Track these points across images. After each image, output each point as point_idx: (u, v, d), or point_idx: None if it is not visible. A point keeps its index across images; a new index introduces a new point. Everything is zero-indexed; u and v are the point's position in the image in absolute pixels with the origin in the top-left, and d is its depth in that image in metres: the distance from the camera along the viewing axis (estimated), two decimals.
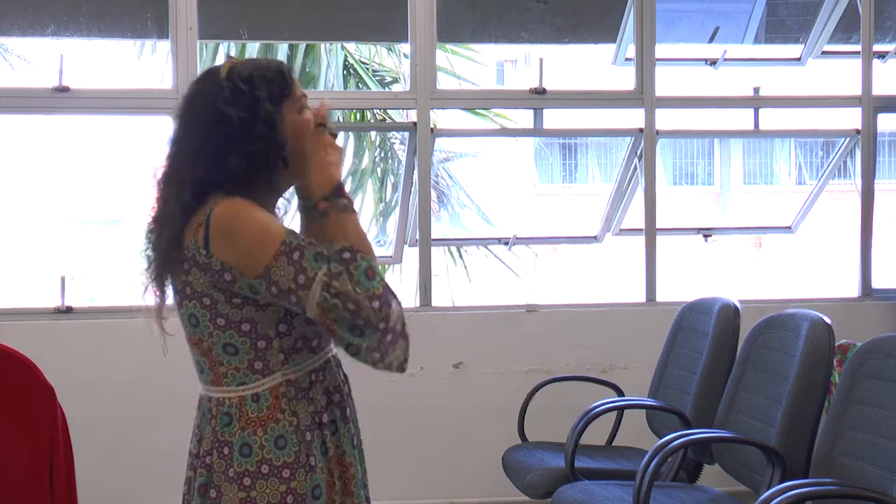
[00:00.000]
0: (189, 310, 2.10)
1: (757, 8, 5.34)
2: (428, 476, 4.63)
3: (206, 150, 2.08)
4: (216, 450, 2.09)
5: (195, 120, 2.11)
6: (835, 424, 2.95)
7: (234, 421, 2.08)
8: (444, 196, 8.58)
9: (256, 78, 2.11)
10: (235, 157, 2.06)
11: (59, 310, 4.59)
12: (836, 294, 5.28)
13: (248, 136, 2.07)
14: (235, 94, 2.08)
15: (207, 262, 2.04)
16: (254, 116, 2.08)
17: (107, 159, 10.67)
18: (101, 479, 4.26)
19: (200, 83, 2.16)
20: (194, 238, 2.05)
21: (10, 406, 2.52)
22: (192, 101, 2.14)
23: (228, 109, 2.07)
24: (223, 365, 2.09)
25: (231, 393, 2.09)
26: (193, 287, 2.07)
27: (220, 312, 2.06)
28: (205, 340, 2.10)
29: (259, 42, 7.34)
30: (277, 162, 2.11)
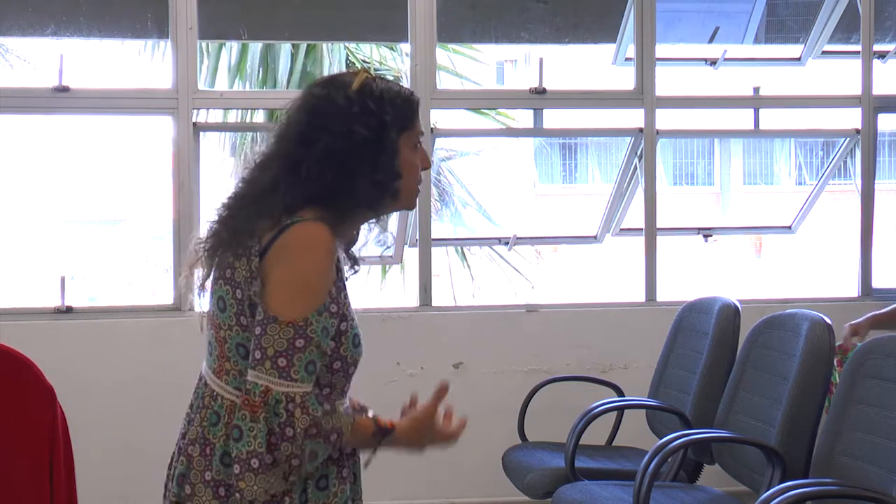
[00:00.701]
0: (221, 291, 2.01)
1: (757, 8, 5.34)
2: (428, 476, 4.63)
3: (330, 162, 1.98)
4: (199, 444, 2.02)
5: (319, 126, 2.00)
6: (835, 424, 2.95)
7: (220, 424, 2.00)
8: (446, 194, 8.58)
9: (387, 101, 2.02)
10: (364, 183, 1.99)
11: (59, 310, 4.59)
12: (836, 294, 5.28)
13: (375, 163, 2.00)
14: (365, 112, 2.00)
15: (253, 260, 1.96)
16: (380, 142, 2.01)
17: (107, 159, 10.68)
18: (101, 479, 4.26)
19: (329, 88, 2.04)
20: (262, 237, 1.97)
21: (10, 406, 2.52)
22: (317, 105, 2.03)
23: (356, 127, 1.99)
24: (229, 361, 2.01)
25: (225, 393, 2.01)
26: (234, 274, 1.98)
27: (244, 312, 1.98)
28: (223, 329, 2.01)
29: (259, 42, 7.35)
30: (391, 194, 2.04)
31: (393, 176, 2.03)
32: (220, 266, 2.03)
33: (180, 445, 2.09)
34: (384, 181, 2.02)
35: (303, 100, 2.06)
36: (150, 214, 10.33)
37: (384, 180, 2.02)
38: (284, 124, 2.06)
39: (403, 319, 4.67)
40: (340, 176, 1.98)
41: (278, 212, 1.98)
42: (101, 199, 11.62)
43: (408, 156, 2.06)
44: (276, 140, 2.06)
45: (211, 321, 2.06)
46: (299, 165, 1.99)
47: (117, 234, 11.59)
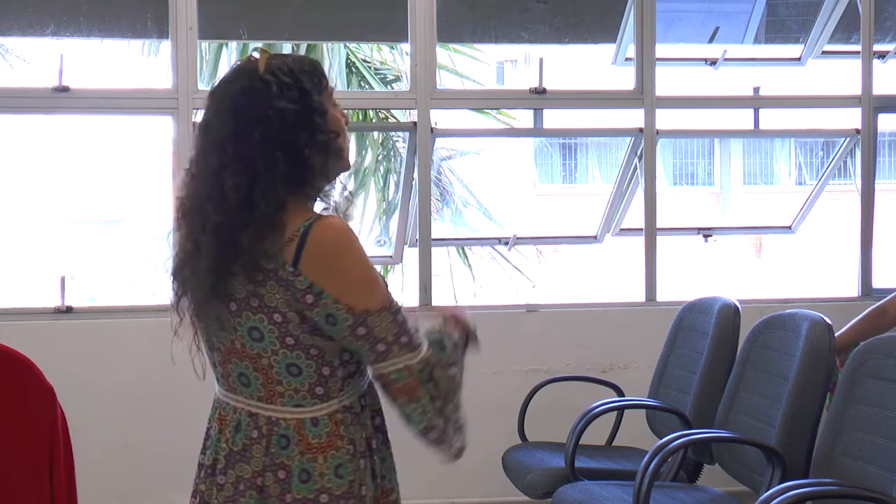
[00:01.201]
0: (252, 322, 1.97)
1: (757, 8, 5.34)
2: (428, 476, 4.61)
3: (275, 147, 1.97)
4: (270, 472, 1.99)
5: (249, 118, 1.98)
6: (835, 424, 2.95)
7: (293, 444, 1.99)
8: (447, 193, 8.58)
9: (297, 71, 2.03)
10: (309, 150, 2.00)
11: (59, 310, 4.59)
12: (836, 294, 5.28)
13: (310, 129, 2.00)
14: (283, 87, 1.99)
15: (291, 280, 1.94)
16: (308, 108, 2.01)
17: (107, 159, 10.67)
18: (101, 479, 4.26)
19: (240, 80, 2.03)
20: (282, 252, 1.94)
21: (10, 406, 2.52)
22: (237, 100, 2.01)
23: (281, 104, 1.98)
24: (281, 384, 1.99)
25: (287, 414, 2.00)
26: (264, 301, 1.95)
27: (291, 332, 1.96)
28: (265, 356, 1.98)
29: (259, 42, 7.34)
30: (336, 153, 2.06)
31: (332, 134, 2.05)
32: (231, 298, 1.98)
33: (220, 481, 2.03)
34: (326, 141, 2.03)
35: (219, 101, 2.04)
36: (150, 214, 10.33)
37: (326, 140, 2.03)
38: (214, 131, 2.02)
39: None
40: (289, 155, 1.98)
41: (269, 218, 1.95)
42: (101, 199, 11.61)
43: (332, 113, 2.07)
44: (213, 151, 2.01)
45: (239, 354, 2.01)
46: (252, 164, 1.97)
47: (117, 234, 11.58)
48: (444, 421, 2.08)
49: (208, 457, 2.08)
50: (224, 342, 2.03)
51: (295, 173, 1.99)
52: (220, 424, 2.07)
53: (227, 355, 2.04)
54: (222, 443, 2.05)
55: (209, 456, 2.08)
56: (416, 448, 2.20)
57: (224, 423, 2.06)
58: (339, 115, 2.09)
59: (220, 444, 2.05)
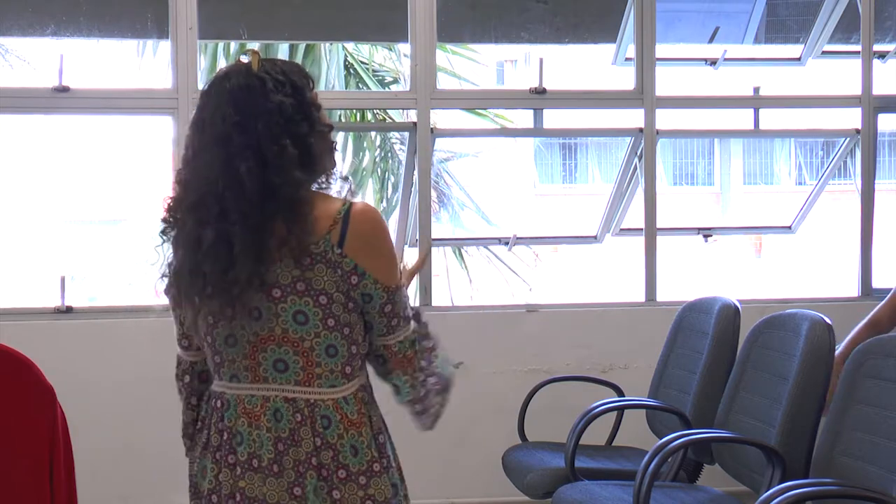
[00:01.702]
0: (297, 306, 2.04)
1: (757, 8, 5.34)
2: (428, 476, 4.63)
3: (280, 137, 2.03)
4: (324, 450, 2.07)
5: (250, 112, 2.04)
6: (835, 424, 2.95)
7: (335, 423, 2.08)
8: (445, 196, 8.58)
9: (287, 70, 2.12)
10: (313, 139, 2.08)
11: (59, 310, 4.59)
12: (836, 294, 5.28)
13: (309, 119, 2.09)
14: (277, 84, 2.07)
15: (339, 261, 2.04)
16: (303, 102, 2.09)
17: (107, 159, 10.67)
18: (101, 479, 4.26)
19: (236, 78, 2.08)
20: (328, 234, 2.03)
21: (10, 406, 2.52)
22: (235, 96, 2.06)
23: (279, 97, 2.05)
24: (320, 366, 2.07)
25: (324, 395, 2.08)
26: (311, 284, 2.03)
27: (333, 313, 2.05)
28: (308, 339, 2.06)
29: (259, 42, 7.34)
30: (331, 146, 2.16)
31: (328, 126, 2.15)
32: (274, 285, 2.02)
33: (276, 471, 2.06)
34: (325, 132, 2.13)
35: (217, 98, 2.09)
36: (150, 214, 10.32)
37: (324, 131, 2.13)
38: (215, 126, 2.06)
39: None
40: (297, 143, 2.06)
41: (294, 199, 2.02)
42: (101, 199, 11.61)
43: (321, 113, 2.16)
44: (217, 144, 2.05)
45: (278, 340, 2.05)
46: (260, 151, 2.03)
47: (117, 234, 11.58)
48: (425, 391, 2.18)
49: (241, 453, 2.09)
50: (260, 331, 2.06)
51: (303, 159, 2.06)
52: (248, 419, 2.08)
53: (261, 344, 2.07)
54: (263, 433, 2.07)
55: (243, 451, 2.08)
56: (417, 448, 2.22)
57: (253, 416, 2.08)
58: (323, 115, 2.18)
59: (260, 435, 2.07)
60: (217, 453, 2.13)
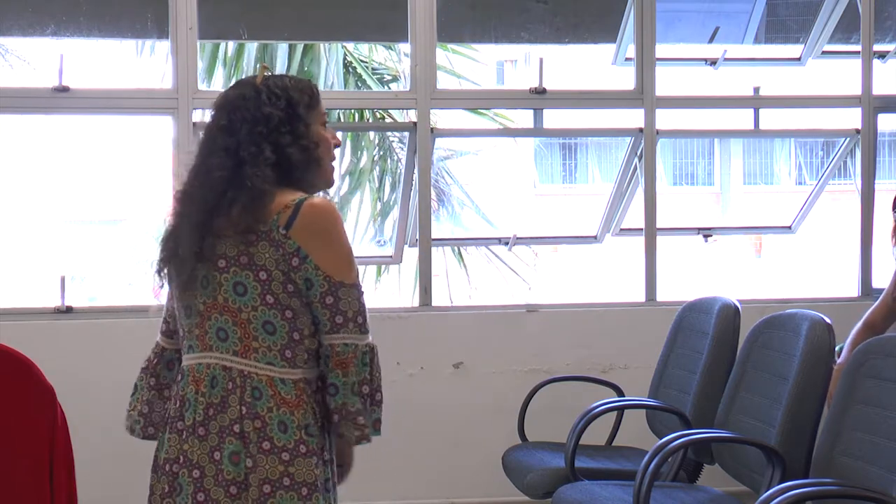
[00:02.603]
0: (238, 277, 2.21)
1: (757, 8, 5.34)
2: (428, 476, 4.63)
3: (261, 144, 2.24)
4: (248, 420, 2.17)
5: (239, 118, 2.27)
6: (835, 424, 2.95)
7: (266, 397, 2.18)
8: (444, 195, 8.58)
9: (289, 87, 2.31)
10: (292, 149, 2.24)
11: (59, 310, 4.59)
12: (836, 294, 5.28)
13: (292, 133, 2.26)
14: (272, 97, 2.28)
15: (282, 241, 2.19)
16: (293, 116, 2.28)
17: (107, 159, 10.67)
18: (101, 479, 4.26)
19: (238, 88, 2.33)
20: (277, 216, 2.19)
21: (10, 406, 2.52)
22: (232, 103, 2.30)
23: (269, 109, 2.26)
24: (257, 340, 2.21)
25: (259, 369, 2.20)
26: (254, 259, 2.20)
27: (272, 290, 2.20)
28: (245, 311, 2.20)
29: (259, 42, 7.35)
30: (316, 161, 2.30)
31: (314, 141, 2.29)
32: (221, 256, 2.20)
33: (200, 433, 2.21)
34: (308, 146, 2.27)
35: (221, 103, 2.32)
36: (150, 214, 10.32)
37: (307, 146, 2.27)
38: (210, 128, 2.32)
39: (403, 319, 4.67)
40: (275, 151, 2.24)
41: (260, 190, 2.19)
42: (101, 199, 11.61)
43: (320, 131, 2.33)
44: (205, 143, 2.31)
45: (221, 308, 2.22)
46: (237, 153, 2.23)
47: (117, 234, 11.58)
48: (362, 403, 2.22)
49: (188, 418, 2.25)
50: (207, 299, 2.23)
51: (280, 166, 2.24)
52: (195, 386, 2.24)
53: (207, 312, 2.24)
54: (199, 398, 2.23)
55: (189, 417, 2.24)
56: (417, 448, 2.23)
57: (199, 382, 2.24)
58: (328, 136, 2.35)
59: (198, 400, 2.23)
60: (172, 422, 2.31)
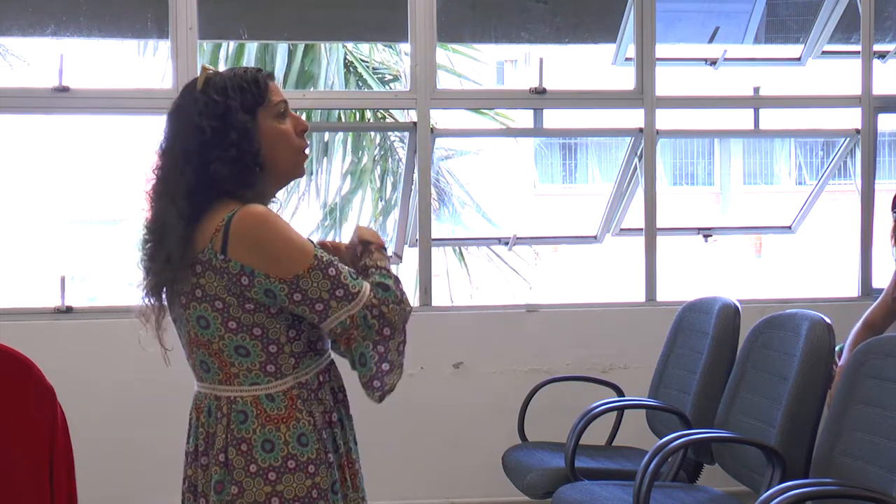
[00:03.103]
0: (198, 312, 2.15)
1: (757, 8, 5.34)
2: (428, 476, 4.63)
3: (189, 161, 2.16)
4: (232, 446, 2.14)
5: (176, 133, 2.21)
6: (835, 424, 2.95)
7: (251, 418, 2.14)
8: (445, 194, 8.58)
9: (230, 88, 2.20)
10: (216, 164, 2.15)
11: (59, 310, 4.59)
12: (836, 294, 5.28)
13: (222, 144, 2.16)
14: (209, 105, 2.18)
15: (224, 266, 2.11)
16: (226, 125, 2.17)
17: (107, 159, 10.67)
18: (101, 479, 4.26)
19: (180, 98, 2.25)
20: (211, 242, 2.12)
21: (10, 406, 2.52)
22: (173, 116, 2.24)
23: (202, 121, 2.16)
24: (234, 366, 2.16)
25: (244, 392, 2.16)
26: (205, 290, 2.13)
27: (232, 316, 2.13)
28: (215, 342, 2.16)
29: (259, 42, 7.35)
30: (255, 167, 2.20)
31: (249, 149, 2.19)
32: (179, 293, 2.17)
33: (203, 462, 2.20)
34: (240, 156, 2.18)
35: (167, 116, 2.26)
36: None
37: (239, 156, 2.18)
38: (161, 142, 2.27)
39: None
40: (199, 169, 2.17)
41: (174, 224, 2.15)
42: (101, 199, 11.61)
43: (271, 127, 2.23)
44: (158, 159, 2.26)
45: (195, 342, 2.19)
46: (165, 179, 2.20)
47: (117, 234, 11.58)
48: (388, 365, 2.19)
49: (191, 444, 2.25)
50: (184, 335, 2.22)
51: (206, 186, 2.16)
52: (196, 413, 2.24)
53: (189, 347, 2.23)
54: (199, 428, 2.22)
55: (191, 443, 2.25)
56: (417, 448, 2.22)
57: (199, 410, 2.23)
58: (284, 128, 2.24)
59: (199, 430, 2.22)
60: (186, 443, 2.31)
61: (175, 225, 2.14)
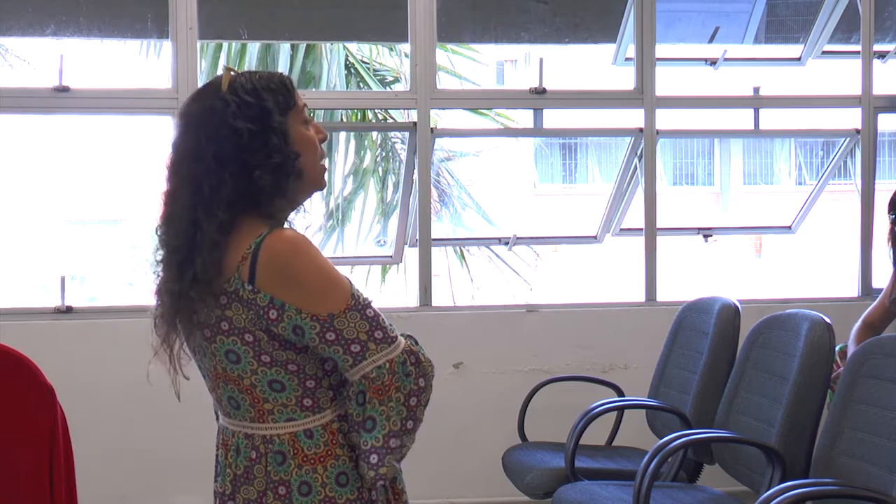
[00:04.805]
0: (227, 346, 1.98)
1: (757, 8, 5.34)
2: (428, 476, 4.63)
3: (226, 167, 1.97)
4: (270, 490, 1.99)
5: (203, 136, 1.99)
6: (835, 424, 2.95)
7: (289, 459, 1.99)
8: (446, 195, 8.58)
9: (261, 89, 2.02)
10: (259, 171, 1.98)
11: (59, 310, 4.59)
12: (836, 294, 5.28)
13: (265, 149, 1.99)
14: (242, 106, 1.99)
15: (252, 298, 1.94)
16: (265, 128, 2.00)
17: (107, 159, 10.68)
18: (101, 479, 4.26)
19: (203, 99, 2.04)
20: (237, 271, 1.95)
21: (10, 406, 2.52)
22: (196, 118, 2.02)
23: (237, 123, 1.98)
24: (268, 402, 2.00)
25: (280, 430, 2.00)
26: (232, 323, 1.96)
27: (265, 350, 1.97)
28: (246, 377, 1.99)
29: (259, 42, 7.34)
30: (294, 175, 2.03)
31: (290, 155, 2.02)
32: (204, 325, 1.99)
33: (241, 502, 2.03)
34: (282, 162, 2.01)
35: (184, 120, 2.05)
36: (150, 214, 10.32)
37: (282, 161, 2.01)
38: (175, 151, 2.04)
39: (403, 319, 4.67)
40: (238, 176, 1.98)
41: (213, 239, 1.96)
42: (101, 199, 11.62)
43: (300, 132, 2.06)
44: (173, 170, 2.04)
45: (222, 377, 2.02)
46: (200, 185, 1.98)
47: (117, 234, 11.58)
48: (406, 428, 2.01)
49: (220, 484, 2.10)
50: (209, 369, 2.05)
51: (244, 195, 1.99)
52: (224, 450, 2.09)
53: (214, 381, 2.06)
54: (227, 468, 2.07)
55: (220, 483, 2.10)
56: (417, 448, 2.20)
57: (227, 448, 2.08)
58: (311, 134, 2.08)
59: (227, 469, 2.07)
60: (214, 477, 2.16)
61: (216, 239, 1.95)
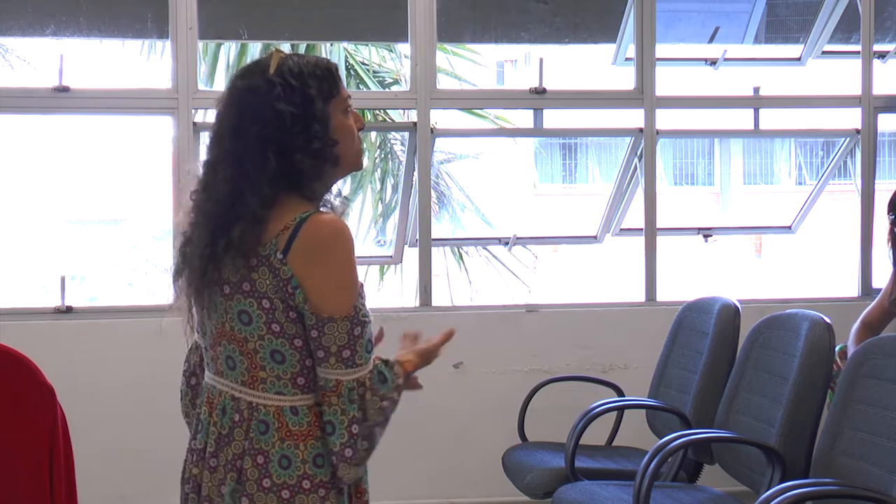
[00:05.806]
0: (241, 306, 2.03)
1: (757, 8, 5.35)
2: (428, 476, 4.63)
3: (268, 146, 2.03)
4: (249, 456, 2.04)
5: (247, 115, 2.05)
6: (835, 424, 2.95)
7: (272, 430, 2.03)
8: (445, 197, 8.58)
9: (307, 74, 2.07)
10: (301, 155, 2.05)
11: (59, 310, 4.59)
12: (836, 294, 5.28)
13: (306, 133, 2.05)
14: (287, 90, 2.05)
15: (279, 267, 1.99)
16: (307, 114, 2.06)
17: (107, 159, 10.68)
18: (101, 479, 4.26)
19: (249, 77, 2.09)
20: (275, 239, 2.00)
21: (10, 406, 2.52)
22: (240, 96, 2.08)
23: (280, 105, 2.03)
24: (264, 370, 2.04)
25: (267, 400, 2.04)
26: (255, 285, 2.01)
27: (277, 319, 2.01)
28: (252, 340, 2.03)
29: (259, 42, 7.34)
30: (332, 162, 2.10)
31: (329, 142, 2.09)
32: (225, 282, 2.04)
33: (212, 464, 2.09)
34: (321, 149, 2.08)
35: (229, 95, 2.11)
36: (150, 214, 10.33)
37: (321, 148, 2.07)
38: (218, 124, 2.11)
39: (403, 319, 4.67)
40: (280, 157, 2.04)
41: (254, 212, 2.01)
42: (101, 199, 11.62)
43: (341, 120, 2.13)
44: (215, 142, 2.11)
45: (228, 335, 2.06)
46: (241, 161, 2.04)
47: (117, 234, 11.58)
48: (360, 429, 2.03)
49: (199, 441, 2.14)
50: (215, 325, 2.09)
51: (284, 175, 2.05)
52: (209, 408, 2.13)
53: (217, 338, 2.10)
54: (211, 426, 2.11)
55: (200, 440, 2.14)
56: (417, 448, 2.20)
57: (212, 406, 2.12)
58: (350, 122, 2.15)
59: (210, 427, 2.11)
60: (190, 439, 2.20)
61: (258, 213, 2.00)
